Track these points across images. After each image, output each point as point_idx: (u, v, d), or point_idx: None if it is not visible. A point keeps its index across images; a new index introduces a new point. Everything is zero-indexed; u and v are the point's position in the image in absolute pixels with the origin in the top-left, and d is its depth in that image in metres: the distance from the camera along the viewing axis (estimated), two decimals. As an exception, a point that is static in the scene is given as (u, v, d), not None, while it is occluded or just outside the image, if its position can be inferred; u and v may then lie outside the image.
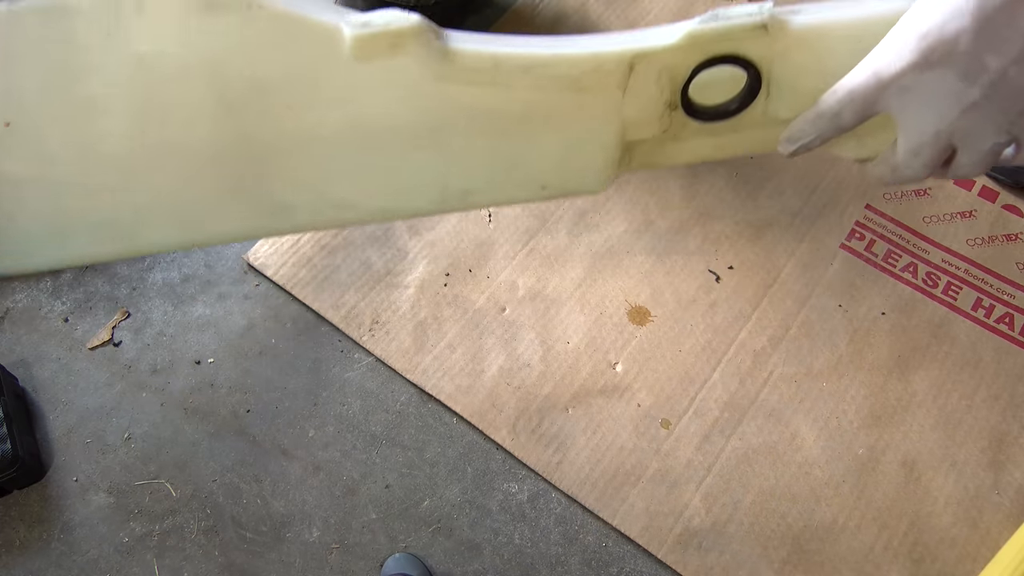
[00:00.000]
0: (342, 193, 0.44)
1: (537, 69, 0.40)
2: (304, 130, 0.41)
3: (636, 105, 0.41)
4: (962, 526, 0.76)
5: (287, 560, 0.76)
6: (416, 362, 0.84)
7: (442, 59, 0.39)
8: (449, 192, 0.44)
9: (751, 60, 0.40)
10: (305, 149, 0.42)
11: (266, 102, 0.40)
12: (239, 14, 0.38)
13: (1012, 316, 0.86)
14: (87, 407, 0.83)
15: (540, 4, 1.08)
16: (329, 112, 0.41)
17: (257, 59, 0.39)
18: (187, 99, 0.40)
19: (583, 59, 0.40)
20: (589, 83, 0.40)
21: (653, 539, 0.75)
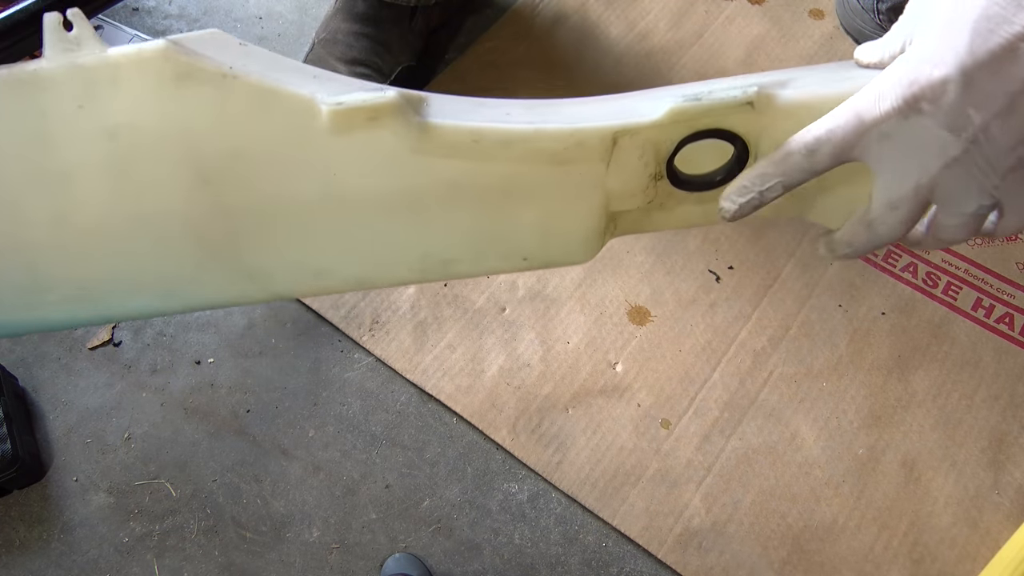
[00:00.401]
0: (320, 262, 0.43)
1: (517, 144, 0.39)
2: (281, 200, 0.41)
3: (620, 178, 0.40)
4: (962, 526, 0.76)
5: (287, 560, 0.76)
6: (416, 362, 0.84)
7: (420, 133, 0.39)
8: (429, 262, 0.43)
9: (737, 133, 0.39)
10: (283, 219, 0.41)
11: (243, 173, 0.40)
12: (214, 85, 0.38)
13: (1012, 316, 0.86)
14: (87, 407, 0.83)
15: (540, 4, 1.08)
16: (306, 183, 0.40)
17: (233, 130, 0.39)
18: (162, 171, 0.40)
19: (564, 135, 0.39)
20: (571, 157, 0.39)
21: (653, 539, 0.75)
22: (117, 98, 0.38)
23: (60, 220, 0.41)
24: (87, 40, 0.38)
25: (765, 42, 1.05)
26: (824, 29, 1.06)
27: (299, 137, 0.39)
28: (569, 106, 0.43)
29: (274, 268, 0.43)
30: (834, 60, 1.04)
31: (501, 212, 0.42)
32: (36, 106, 0.38)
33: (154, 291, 0.44)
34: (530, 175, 0.40)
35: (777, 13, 1.07)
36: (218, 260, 0.43)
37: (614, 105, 0.42)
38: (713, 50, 1.04)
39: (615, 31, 1.06)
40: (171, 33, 1.07)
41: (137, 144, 0.39)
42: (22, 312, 0.44)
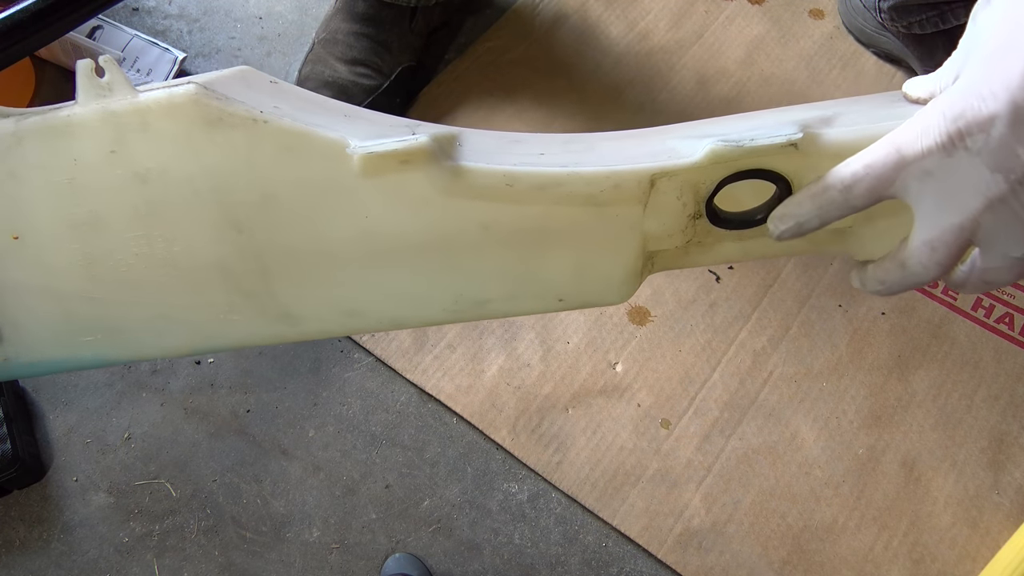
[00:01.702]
0: (352, 304, 0.43)
1: (552, 188, 0.38)
2: (313, 243, 0.40)
3: (658, 219, 0.39)
4: (962, 526, 0.76)
5: (287, 560, 0.76)
6: (416, 362, 0.84)
7: (452, 177, 0.38)
8: (462, 303, 0.43)
9: (780, 173, 0.37)
10: (314, 262, 0.41)
11: (274, 217, 0.40)
12: (245, 130, 0.38)
13: (1012, 316, 0.86)
14: (87, 407, 0.83)
15: (540, 4, 1.08)
16: (338, 226, 0.40)
17: (264, 174, 0.39)
18: (193, 216, 0.40)
19: (600, 178, 0.38)
20: (607, 199, 0.38)
21: (653, 539, 0.75)
22: (148, 143, 0.38)
23: (92, 265, 0.41)
24: (119, 85, 0.38)
25: (765, 42, 1.05)
26: (824, 29, 1.06)
27: (330, 181, 0.39)
28: (604, 143, 0.42)
29: (306, 310, 0.43)
30: (834, 60, 1.04)
31: (535, 254, 0.41)
32: (68, 152, 0.38)
33: (185, 334, 0.44)
34: (565, 217, 0.39)
35: (777, 13, 1.07)
36: (249, 303, 0.43)
37: (651, 144, 0.41)
38: (713, 50, 1.04)
39: (615, 31, 1.06)
40: (171, 33, 1.07)
41: (168, 189, 0.39)
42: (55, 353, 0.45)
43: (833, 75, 1.03)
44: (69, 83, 1.01)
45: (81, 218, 0.40)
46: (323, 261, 0.41)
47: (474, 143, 0.41)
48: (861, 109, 0.40)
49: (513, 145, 0.42)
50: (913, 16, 0.93)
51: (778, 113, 0.41)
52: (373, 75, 0.95)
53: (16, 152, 0.39)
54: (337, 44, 0.96)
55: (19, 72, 0.98)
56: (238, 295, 0.42)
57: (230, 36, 1.07)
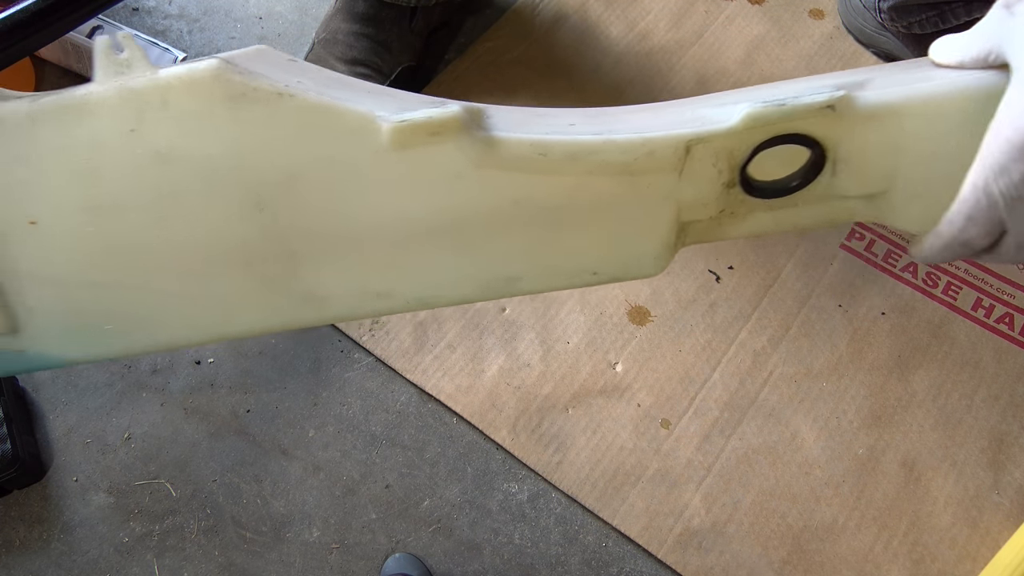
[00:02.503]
0: (380, 284, 0.42)
1: (585, 156, 0.37)
2: (339, 222, 0.39)
3: (693, 187, 0.39)
4: (962, 526, 0.76)
5: (287, 560, 0.76)
6: (416, 362, 0.84)
7: (484, 147, 0.37)
8: (494, 280, 0.42)
9: (815, 138, 0.37)
10: (340, 241, 0.40)
11: (298, 195, 0.38)
12: (269, 105, 0.36)
13: (1012, 316, 0.86)
14: (87, 407, 0.83)
15: (540, 4, 1.08)
16: (365, 202, 0.39)
17: (288, 151, 0.37)
18: (215, 196, 0.38)
19: (635, 145, 0.37)
20: (642, 168, 0.37)
21: (653, 539, 0.75)
22: (168, 121, 0.37)
23: (111, 250, 0.40)
24: (138, 62, 0.36)
25: (765, 42, 1.05)
26: (824, 29, 1.06)
27: (358, 155, 0.37)
28: (633, 114, 0.41)
29: (333, 292, 0.42)
30: (834, 60, 1.04)
31: (568, 226, 0.40)
32: (86, 133, 0.37)
33: (208, 320, 0.43)
34: (598, 188, 0.38)
35: (777, 13, 1.07)
36: (274, 286, 0.41)
37: (682, 112, 0.40)
38: (713, 50, 1.04)
39: (615, 31, 1.06)
40: (171, 33, 1.07)
41: (189, 168, 0.38)
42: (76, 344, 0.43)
43: (833, 75, 1.02)
44: (69, 83, 1.01)
45: (100, 201, 0.38)
46: (350, 240, 0.40)
47: (501, 116, 0.39)
48: (890, 73, 0.39)
49: (540, 118, 0.41)
50: (913, 16, 0.93)
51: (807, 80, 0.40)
52: (373, 75, 0.95)
53: (31, 134, 0.37)
54: (337, 44, 0.96)
55: (19, 72, 0.98)
56: (262, 278, 0.41)
57: (230, 36, 1.07)
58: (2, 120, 0.37)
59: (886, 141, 0.38)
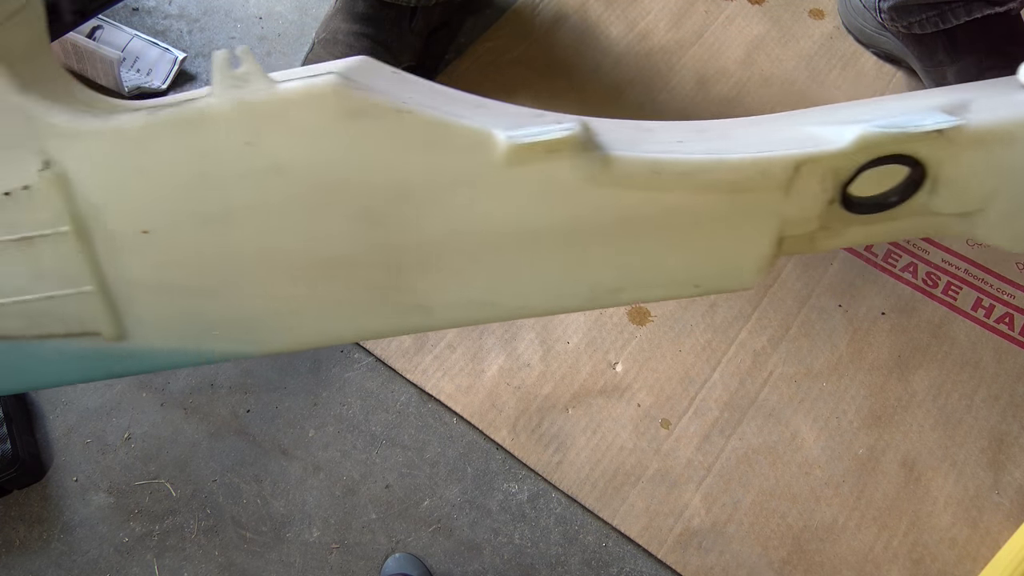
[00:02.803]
0: (485, 294, 0.43)
1: (698, 175, 0.38)
2: (448, 235, 0.40)
3: (797, 205, 0.40)
4: (962, 526, 0.76)
5: (287, 560, 0.76)
6: (416, 362, 0.84)
7: (601, 166, 0.38)
8: (598, 291, 0.43)
9: (919, 159, 0.38)
10: (449, 253, 0.41)
11: (410, 209, 0.39)
12: (387, 121, 0.37)
13: (1012, 316, 0.86)
14: (87, 407, 0.83)
15: (540, 4, 1.08)
16: (475, 215, 0.39)
17: (403, 166, 0.38)
18: (328, 209, 0.39)
19: (747, 165, 0.38)
20: (752, 186, 0.39)
21: (653, 539, 0.75)
22: (285, 135, 0.37)
23: (223, 260, 0.41)
24: (255, 76, 0.37)
25: (765, 42, 1.05)
26: (824, 29, 1.06)
27: (473, 171, 0.38)
28: (739, 129, 0.42)
29: (439, 302, 0.43)
30: (834, 60, 1.04)
31: (673, 240, 0.41)
32: (202, 145, 0.38)
33: (314, 327, 0.43)
34: (705, 204, 0.39)
35: (777, 13, 1.07)
36: (382, 295, 0.42)
37: (785, 131, 0.41)
38: (713, 50, 1.04)
39: (615, 31, 1.06)
40: (171, 33, 1.07)
41: (304, 182, 0.38)
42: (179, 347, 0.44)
43: (833, 75, 1.03)
44: (69, 83, 1.01)
45: (213, 212, 0.39)
46: (458, 252, 0.41)
47: (611, 132, 0.40)
48: (987, 94, 0.41)
49: (648, 133, 0.41)
50: (913, 16, 0.93)
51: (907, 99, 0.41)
52: (373, 75, 0.95)
53: (148, 146, 0.38)
54: (337, 44, 0.96)
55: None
56: (370, 288, 0.42)
57: (230, 36, 1.07)
58: (121, 131, 0.38)
59: (989, 164, 0.39)
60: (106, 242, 0.40)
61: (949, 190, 0.40)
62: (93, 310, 0.42)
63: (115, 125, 0.38)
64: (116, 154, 0.38)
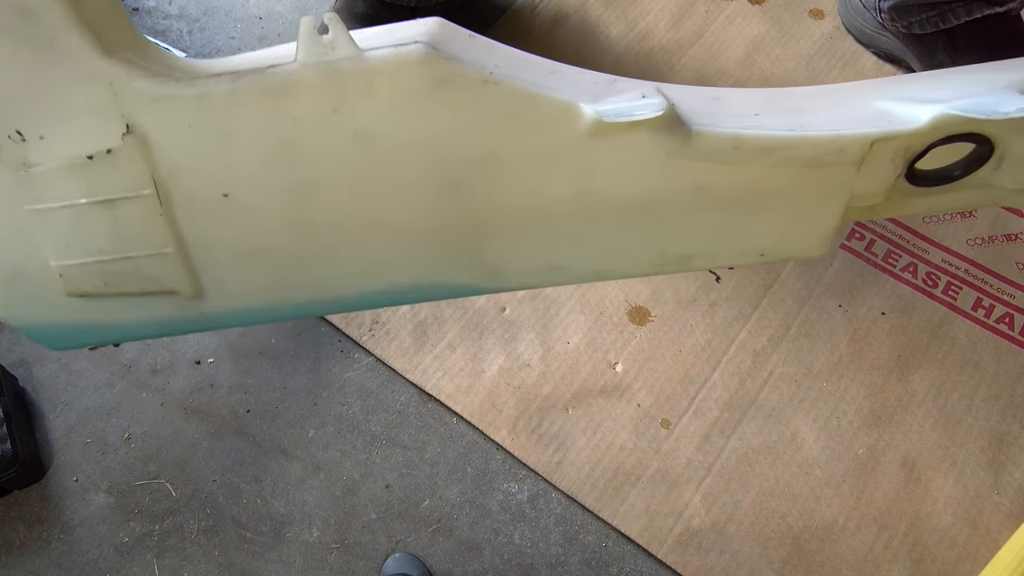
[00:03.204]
0: (558, 259, 0.43)
1: (777, 151, 0.39)
2: (528, 202, 0.41)
3: (869, 179, 0.41)
4: (962, 526, 0.76)
5: (287, 560, 0.76)
6: (416, 362, 0.84)
7: (683, 141, 0.38)
8: (667, 257, 0.44)
9: (988, 137, 0.39)
10: (526, 220, 0.41)
11: (492, 177, 0.39)
12: (473, 91, 0.37)
13: (1012, 316, 0.86)
14: (87, 407, 0.83)
15: (540, 4, 1.08)
16: (557, 186, 0.40)
17: (487, 135, 0.38)
18: (411, 177, 0.39)
19: (826, 142, 0.39)
20: (828, 162, 0.39)
21: (653, 539, 0.75)
22: (372, 103, 0.37)
23: (302, 225, 0.41)
24: (343, 43, 0.37)
25: (765, 42, 1.05)
26: (824, 29, 1.06)
27: (555, 142, 0.38)
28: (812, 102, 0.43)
29: (511, 265, 0.44)
30: (834, 60, 1.04)
31: (746, 212, 0.42)
32: (287, 112, 0.38)
33: (389, 286, 0.44)
34: (781, 178, 0.40)
35: (777, 13, 1.07)
36: (457, 258, 0.43)
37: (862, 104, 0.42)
38: (713, 50, 1.04)
39: (615, 31, 1.06)
40: (171, 33, 1.07)
41: (389, 150, 0.38)
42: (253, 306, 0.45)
43: (833, 75, 1.03)
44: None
45: (296, 178, 0.39)
46: (535, 219, 0.41)
47: (688, 103, 0.40)
48: None
49: (722, 104, 0.42)
50: (913, 16, 0.93)
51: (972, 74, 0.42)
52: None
53: (233, 111, 0.38)
54: (337, 44, 0.95)
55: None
56: (447, 252, 0.42)
57: (230, 36, 1.07)
58: (207, 97, 0.38)
59: None
60: (186, 205, 0.41)
61: (1013, 167, 0.41)
62: (172, 270, 0.43)
63: (199, 91, 0.38)
64: (199, 119, 0.38)
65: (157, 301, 0.44)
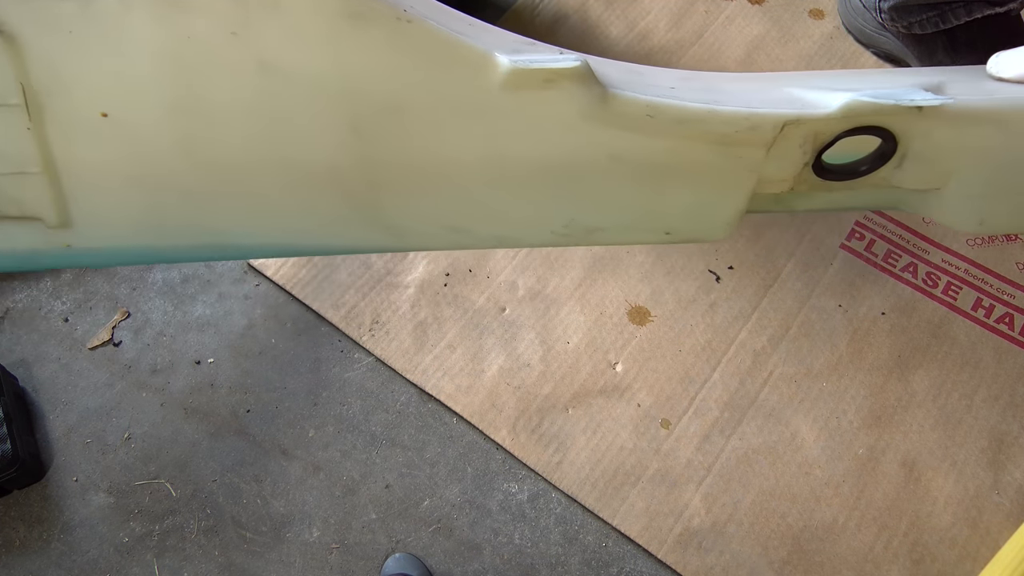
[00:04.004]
0: (462, 220, 0.42)
1: (691, 124, 0.38)
2: (433, 156, 0.39)
3: (776, 164, 0.41)
4: (962, 526, 0.76)
5: (287, 560, 0.76)
6: (416, 362, 0.84)
7: (598, 102, 0.37)
8: (573, 228, 0.43)
9: (894, 133, 0.40)
10: (429, 175, 0.39)
11: (399, 125, 0.37)
12: (386, 28, 0.35)
13: (1012, 316, 0.86)
14: (87, 407, 0.83)
15: (540, 4, 1.08)
16: (463, 140, 0.38)
17: (397, 78, 0.36)
18: (312, 115, 0.37)
19: (739, 119, 0.39)
20: (739, 140, 0.39)
21: (653, 539, 0.75)
22: (277, 30, 0.34)
23: (190, 155, 0.38)
24: None
25: (765, 42, 1.05)
26: (824, 29, 1.06)
27: (467, 92, 0.36)
28: (729, 83, 0.43)
29: (413, 222, 0.41)
30: (834, 60, 1.04)
31: (656, 187, 0.41)
32: (183, 28, 0.34)
33: (278, 233, 0.41)
34: (692, 153, 0.40)
35: (777, 13, 1.07)
36: (354, 210, 0.40)
37: (776, 90, 0.42)
38: (713, 50, 1.04)
39: (615, 31, 1.06)
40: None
41: (291, 83, 0.36)
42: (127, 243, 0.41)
43: (833, 75, 1.02)
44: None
45: (185, 102, 0.36)
46: (439, 175, 0.39)
47: (607, 71, 0.39)
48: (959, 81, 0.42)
49: (640, 77, 0.41)
50: (913, 16, 0.93)
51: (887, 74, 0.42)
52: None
53: (120, 21, 0.34)
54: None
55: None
56: (343, 201, 0.40)
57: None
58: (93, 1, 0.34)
59: (956, 144, 0.40)
60: (59, 121, 0.37)
61: (915, 166, 0.41)
62: (36, 194, 0.38)
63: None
64: (82, 26, 0.34)
65: (17, 228, 0.40)
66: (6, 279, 0.90)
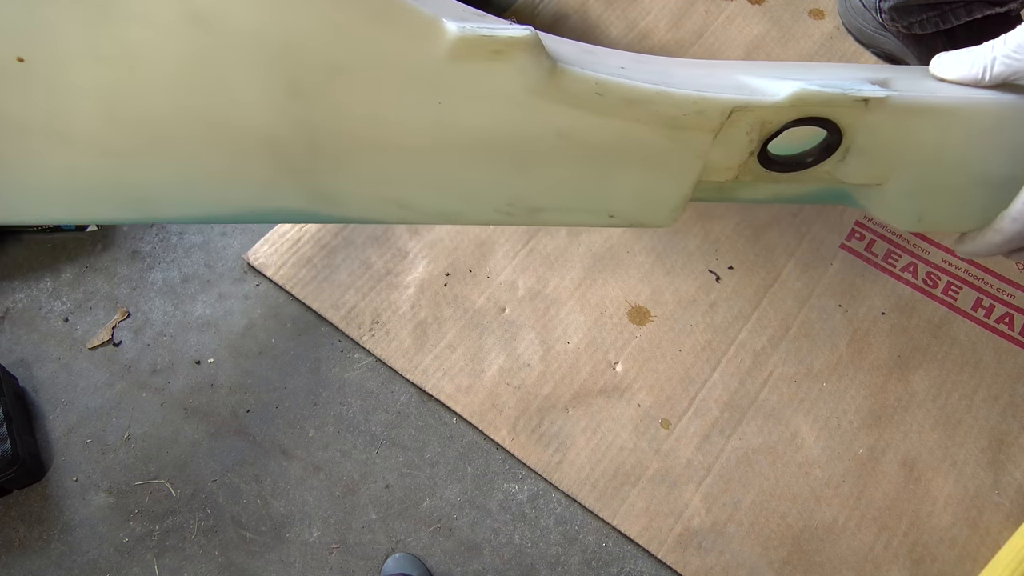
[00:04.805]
0: (402, 193, 0.40)
1: (640, 104, 0.38)
2: (374, 124, 0.37)
3: (723, 151, 0.41)
4: (962, 526, 0.76)
5: (287, 560, 0.76)
6: (416, 362, 0.84)
7: (546, 76, 0.36)
8: (517, 207, 0.42)
9: (839, 125, 0.40)
10: (372, 145, 0.38)
11: (339, 88, 0.36)
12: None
13: (1012, 316, 0.86)
14: (87, 407, 0.83)
15: (540, 4, 1.08)
16: (407, 109, 0.37)
17: (339, 39, 0.34)
18: (248, 73, 0.35)
19: (688, 102, 0.38)
20: (687, 124, 0.39)
21: (653, 539, 0.75)
22: None
23: (115, 111, 0.36)
24: None
25: (765, 42, 1.05)
26: (824, 29, 1.06)
27: (413, 60, 0.35)
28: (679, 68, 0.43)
29: (352, 193, 0.40)
30: (834, 60, 1.04)
31: (602, 168, 0.41)
32: None
33: (210, 199, 0.39)
34: (641, 135, 0.39)
35: (777, 13, 1.07)
36: (288, 177, 0.39)
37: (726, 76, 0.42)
38: (713, 50, 1.04)
39: (615, 31, 1.06)
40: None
41: (226, 37, 0.34)
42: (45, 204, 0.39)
43: (833, 75, 1.03)
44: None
45: (111, 52, 0.34)
46: (379, 144, 0.38)
47: (557, 47, 0.39)
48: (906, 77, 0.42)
49: (591, 56, 0.41)
50: (913, 16, 0.93)
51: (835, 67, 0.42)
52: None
53: None
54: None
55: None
56: (277, 166, 0.38)
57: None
58: None
59: (897, 140, 0.40)
60: None
61: (858, 160, 0.42)
62: None
63: None
64: None
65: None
66: (6, 279, 0.90)
